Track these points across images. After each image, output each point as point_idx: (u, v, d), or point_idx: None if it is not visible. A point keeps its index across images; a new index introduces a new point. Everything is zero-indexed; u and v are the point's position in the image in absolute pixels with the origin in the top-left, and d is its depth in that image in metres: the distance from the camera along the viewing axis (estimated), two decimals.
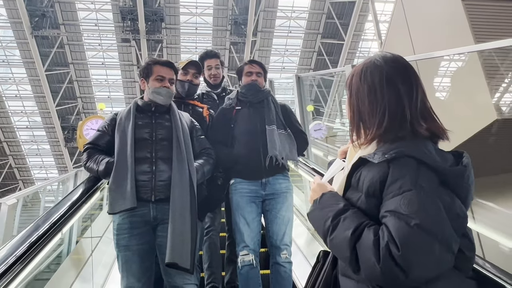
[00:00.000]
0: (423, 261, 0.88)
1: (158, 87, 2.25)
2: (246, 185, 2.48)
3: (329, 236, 1.01)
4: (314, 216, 1.10)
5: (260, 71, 2.67)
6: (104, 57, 17.33)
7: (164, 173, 2.10)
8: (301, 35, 17.56)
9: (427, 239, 0.88)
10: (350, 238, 0.94)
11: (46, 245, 1.62)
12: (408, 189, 0.93)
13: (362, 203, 1.02)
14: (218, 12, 16.50)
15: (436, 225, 0.90)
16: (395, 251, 0.87)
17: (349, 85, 1.18)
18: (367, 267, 0.91)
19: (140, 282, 2.03)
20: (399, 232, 0.88)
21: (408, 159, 0.96)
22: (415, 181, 0.93)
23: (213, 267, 2.72)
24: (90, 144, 2.26)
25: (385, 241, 0.89)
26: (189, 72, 2.74)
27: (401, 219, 0.90)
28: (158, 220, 2.09)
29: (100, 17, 16.11)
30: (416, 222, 0.88)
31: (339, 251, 0.99)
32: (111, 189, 2.05)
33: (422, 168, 0.95)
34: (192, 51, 17.40)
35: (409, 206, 0.91)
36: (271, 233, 2.45)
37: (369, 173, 1.02)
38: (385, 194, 0.97)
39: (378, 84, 1.08)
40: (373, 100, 1.08)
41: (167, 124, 2.24)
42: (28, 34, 14.54)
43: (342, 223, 0.99)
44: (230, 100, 2.67)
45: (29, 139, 19.26)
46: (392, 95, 1.06)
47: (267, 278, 2.50)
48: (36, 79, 16.25)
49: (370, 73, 1.11)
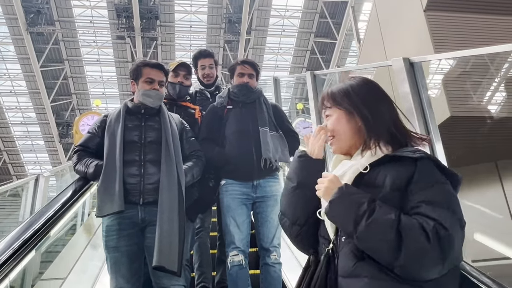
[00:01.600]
0: (458, 246, 0.98)
1: (148, 90, 2.24)
2: (237, 187, 2.47)
3: (365, 220, 1.01)
4: (342, 202, 1.09)
5: (252, 72, 2.64)
6: (99, 54, 17.38)
7: (153, 176, 2.10)
8: (295, 34, 17.73)
9: (460, 226, 0.99)
10: (394, 220, 0.98)
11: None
12: (436, 183, 1.04)
13: (384, 197, 1.06)
14: (213, 10, 16.62)
15: (460, 210, 1.02)
16: (443, 232, 0.94)
17: (349, 103, 1.25)
18: (415, 247, 0.95)
19: (129, 283, 2.03)
20: (442, 215, 0.97)
21: (428, 160, 1.08)
22: (439, 178, 1.06)
23: (203, 267, 2.74)
24: (80, 146, 2.26)
25: (431, 224, 0.96)
26: (180, 74, 2.75)
27: (440, 206, 0.99)
28: (147, 222, 2.09)
29: (95, 14, 16.16)
30: (450, 207, 1.00)
31: (378, 235, 0.99)
32: (99, 191, 2.06)
33: (437, 169, 1.08)
34: (187, 48, 17.52)
35: (444, 195, 1.02)
36: (261, 235, 2.47)
37: (393, 171, 1.09)
38: (413, 188, 1.04)
39: (374, 103, 1.22)
40: (378, 114, 1.21)
41: (157, 127, 2.23)
42: (24, 31, 14.57)
43: (379, 208, 1.02)
44: (221, 99, 2.65)
45: (24, 135, 19.27)
46: (389, 113, 1.23)
47: (257, 278, 2.52)
48: (31, 75, 16.29)
49: (372, 90, 1.26)
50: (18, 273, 1.87)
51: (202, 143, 2.48)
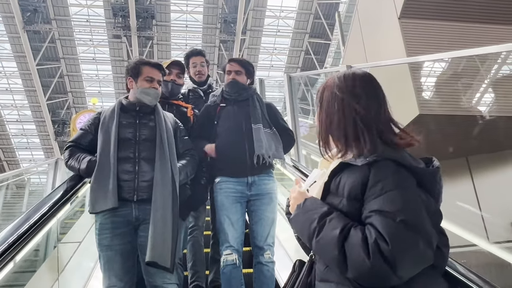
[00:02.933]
0: (409, 256, 0.91)
1: (147, 88, 2.24)
2: (231, 184, 2.46)
3: (315, 238, 1.01)
4: (298, 220, 1.11)
5: (239, 69, 2.63)
6: (95, 53, 17.54)
7: (147, 173, 2.10)
8: (289, 34, 17.97)
9: (412, 234, 0.91)
10: (338, 236, 0.96)
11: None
12: (390, 189, 0.96)
13: (344, 206, 1.03)
14: (208, 10, 16.80)
15: (419, 221, 0.94)
16: (384, 246, 0.89)
17: (320, 99, 1.21)
18: (357, 264, 0.92)
19: (122, 282, 2.01)
20: (387, 228, 0.91)
21: (388, 161, 1.00)
22: (397, 182, 0.98)
23: (197, 266, 2.73)
24: (72, 143, 2.23)
25: (373, 238, 0.91)
26: (173, 72, 2.75)
27: (387, 217, 0.93)
28: (140, 220, 2.08)
29: (92, 13, 16.30)
30: (401, 218, 0.92)
31: (326, 251, 0.99)
32: (92, 188, 2.05)
33: (401, 170, 1.00)
34: (183, 48, 17.64)
35: (394, 204, 0.94)
36: (255, 233, 2.45)
37: (349, 178, 1.04)
38: (367, 196, 0.99)
39: (350, 101, 1.12)
40: (343, 115, 1.12)
41: (151, 125, 2.23)
42: (20, 29, 14.68)
43: (328, 224, 1.00)
44: (215, 97, 2.66)
45: (19, 133, 19.33)
46: (362, 110, 1.10)
47: (250, 277, 2.50)
48: (27, 73, 16.38)
49: (341, 89, 1.15)
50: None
51: (195, 141, 2.50)
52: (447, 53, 3.49)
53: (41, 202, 2.09)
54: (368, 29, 5.93)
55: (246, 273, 2.53)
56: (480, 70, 4.20)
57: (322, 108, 1.18)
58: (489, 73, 4.34)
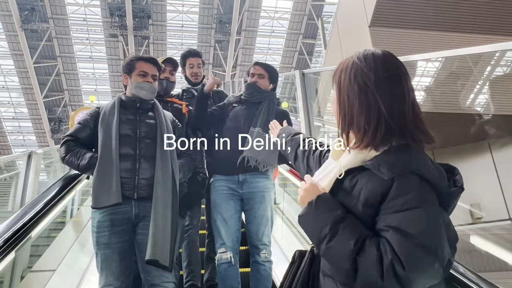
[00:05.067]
0: (422, 278, 0.88)
1: (141, 82, 2.21)
2: (224, 182, 2.49)
3: (325, 244, 0.96)
4: (309, 220, 1.04)
5: (262, 73, 2.63)
6: (91, 51, 17.72)
7: (147, 171, 2.08)
8: (284, 34, 18.23)
9: (430, 259, 0.88)
10: (352, 250, 0.91)
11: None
12: (412, 207, 0.90)
13: (358, 211, 0.98)
14: (204, 10, 17.02)
15: (439, 244, 0.89)
16: (400, 270, 0.86)
17: (337, 82, 1.08)
18: (368, 282, 0.90)
19: (119, 281, 1.98)
20: (404, 251, 0.87)
21: (413, 175, 0.93)
22: (419, 199, 0.91)
23: (192, 265, 2.73)
24: (70, 137, 2.15)
25: (389, 259, 0.87)
26: (166, 70, 2.73)
27: (405, 236, 0.88)
28: (140, 218, 2.06)
29: (89, 12, 16.48)
30: (420, 241, 0.87)
31: (336, 261, 0.96)
32: (95, 184, 2.02)
33: (425, 185, 0.93)
34: (178, 47, 17.87)
35: (414, 224, 0.89)
36: (250, 232, 2.46)
37: (368, 183, 0.97)
38: (385, 207, 0.94)
39: (371, 85, 1.00)
40: (364, 103, 1.00)
41: (151, 122, 2.21)
42: (18, 27, 14.87)
43: (342, 232, 0.95)
44: (232, 98, 2.70)
45: (15, 130, 19.47)
46: (386, 98, 0.99)
47: (247, 277, 2.49)
48: (24, 71, 16.55)
49: (361, 71, 1.02)
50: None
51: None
52: (432, 54, 3.77)
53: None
54: (345, 35, 6.38)
55: (243, 272, 2.51)
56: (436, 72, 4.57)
57: (340, 92, 1.06)
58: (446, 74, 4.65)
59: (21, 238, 1.85)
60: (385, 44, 4.92)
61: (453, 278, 1.28)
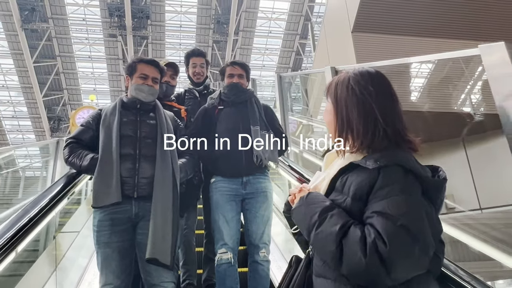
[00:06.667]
0: (404, 261, 0.91)
1: (141, 84, 2.24)
2: (226, 183, 2.47)
3: (314, 230, 1.02)
4: (300, 211, 1.11)
5: (241, 72, 2.66)
6: (90, 51, 17.86)
7: (147, 170, 2.10)
8: (281, 35, 18.43)
9: (411, 241, 0.92)
10: (337, 232, 0.97)
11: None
12: (395, 194, 0.97)
13: (348, 205, 1.03)
14: (202, 11, 17.21)
15: (419, 230, 0.94)
16: (382, 247, 0.90)
17: (334, 94, 1.18)
18: (352, 261, 0.93)
19: (119, 280, 1.99)
20: (387, 230, 0.92)
21: (397, 167, 1.00)
22: (403, 187, 0.98)
23: (188, 265, 2.75)
24: (73, 139, 2.20)
25: (372, 237, 0.92)
26: (167, 74, 2.74)
27: (388, 219, 0.93)
28: (140, 217, 2.08)
29: (88, 12, 16.65)
30: (402, 223, 0.92)
31: (323, 245, 1.00)
32: (95, 183, 2.05)
33: (409, 176, 1.00)
34: (176, 47, 18.06)
35: (397, 208, 0.94)
36: (250, 232, 2.45)
37: (357, 178, 1.03)
38: (372, 198, 1.00)
39: (368, 97, 1.10)
40: (362, 111, 1.10)
41: (152, 122, 2.23)
42: (18, 27, 15.00)
43: (329, 219, 1.01)
44: (213, 100, 2.69)
45: (15, 129, 19.56)
46: (381, 108, 1.09)
47: (245, 276, 2.49)
48: (23, 70, 16.67)
49: (358, 84, 1.13)
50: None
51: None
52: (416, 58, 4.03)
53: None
54: (331, 39, 6.67)
55: (241, 272, 2.52)
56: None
57: (338, 103, 1.16)
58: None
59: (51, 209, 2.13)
60: (367, 49, 5.17)
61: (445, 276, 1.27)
